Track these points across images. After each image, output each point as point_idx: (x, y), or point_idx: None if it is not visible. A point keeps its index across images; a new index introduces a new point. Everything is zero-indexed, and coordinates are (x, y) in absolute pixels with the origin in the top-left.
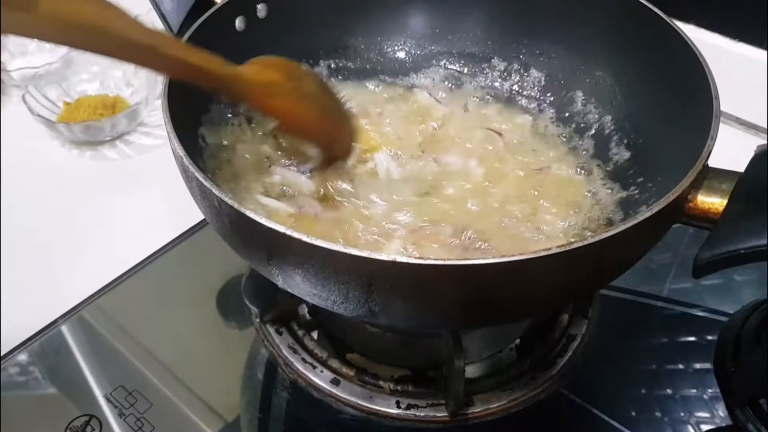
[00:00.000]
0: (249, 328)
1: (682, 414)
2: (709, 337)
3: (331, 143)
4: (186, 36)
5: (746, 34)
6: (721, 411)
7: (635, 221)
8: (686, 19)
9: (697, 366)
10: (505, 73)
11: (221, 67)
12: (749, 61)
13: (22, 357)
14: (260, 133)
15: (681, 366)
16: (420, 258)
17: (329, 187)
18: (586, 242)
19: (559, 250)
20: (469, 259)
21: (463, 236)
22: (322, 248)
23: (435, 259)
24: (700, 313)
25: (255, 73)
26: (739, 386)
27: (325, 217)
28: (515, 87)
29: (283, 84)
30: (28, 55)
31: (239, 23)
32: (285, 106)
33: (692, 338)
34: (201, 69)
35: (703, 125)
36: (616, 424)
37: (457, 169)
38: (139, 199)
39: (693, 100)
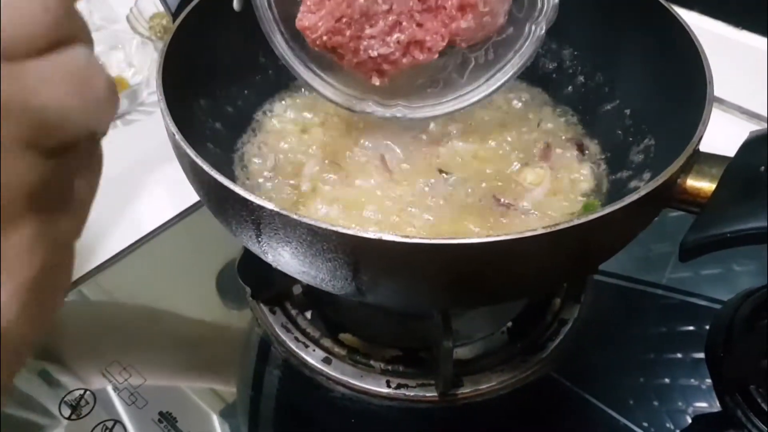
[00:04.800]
0: (246, 309)
1: (680, 404)
2: (707, 327)
3: None
4: (183, 15)
5: (749, 22)
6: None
7: (623, 203)
8: (689, 6)
9: (694, 355)
10: None
11: None
12: (751, 49)
13: None
14: None
15: (678, 355)
16: (405, 236)
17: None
18: (572, 223)
19: (544, 231)
20: (453, 238)
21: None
22: (308, 225)
23: (420, 238)
24: (699, 302)
25: None
26: (730, 373)
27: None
28: None
29: None
30: None
31: (236, 3)
32: None
33: (690, 327)
34: None
35: (697, 110)
36: (607, 409)
37: None
38: (139, 178)
39: (688, 85)
